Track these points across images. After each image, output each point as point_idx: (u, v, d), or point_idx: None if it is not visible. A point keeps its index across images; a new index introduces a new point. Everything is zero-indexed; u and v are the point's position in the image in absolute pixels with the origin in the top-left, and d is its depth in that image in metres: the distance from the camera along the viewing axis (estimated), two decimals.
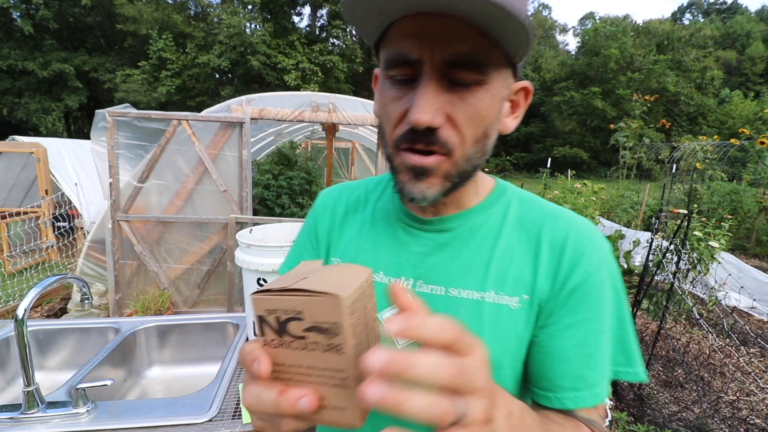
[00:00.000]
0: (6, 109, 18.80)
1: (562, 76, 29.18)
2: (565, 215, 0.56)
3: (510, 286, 0.52)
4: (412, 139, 0.46)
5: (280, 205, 4.79)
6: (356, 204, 0.66)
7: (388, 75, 0.47)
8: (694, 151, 8.23)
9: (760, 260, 5.99)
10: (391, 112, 0.48)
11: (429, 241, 0.56)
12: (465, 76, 0.44)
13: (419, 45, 0.43)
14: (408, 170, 0.48)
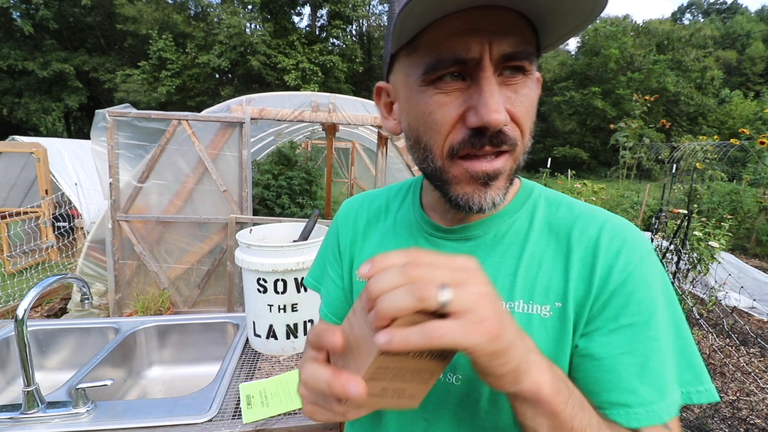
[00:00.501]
0: (6, 109, 18.80)
1: (562, 76, 29.17)
2: (597, 214, 0.52)
3: (540, 295, 0.48)
4: (479, 143, 0.43)
5: (280, 205, 4.79)
6: (377, 214, 0.65)
7: (429, 80, 0.43)
8: (694, 151, 8.23)
9: (760, 260, 5.99)
10: (440, 120, 0.43)
11: (451, 250, 0.54)
12: (518, 68, 0.43)
13: (474, 41, 0.40)
14: (472, 179, 0.45)
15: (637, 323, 0.45)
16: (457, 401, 0.51)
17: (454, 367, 0.51)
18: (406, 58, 0.46)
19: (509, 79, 0.43)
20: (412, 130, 0.48)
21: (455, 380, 0.51)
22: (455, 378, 0.51)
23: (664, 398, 0.43)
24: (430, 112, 0.44)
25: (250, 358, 1.35)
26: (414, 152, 0.50)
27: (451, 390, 0.51)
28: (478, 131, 0.42)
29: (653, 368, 0.44)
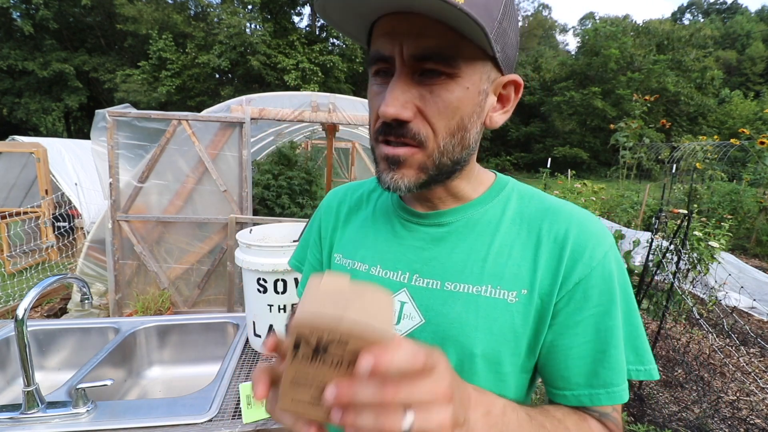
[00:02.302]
0: (6, 109, 18.80)
1: (562, 76, 29.17)
2: (567, 209, 0.55)
3: (508, 281, 0.51)
4: (385, 132, 0.49)
5: (280, 205, 4.79)
6: (359, 203, 0.68)
7: (372, 72, 0.50)
8: (694, 151, 8.23)
9: (760, 260, 5.99)
10: (373, 107, 0.51)
11: (425, 235, 0.57)
12: (433, 70, 0.46)
13: (390, 42, 0.46)
14: (383, 160, 0.51)
15: (599, 313, 0.50)
16: None
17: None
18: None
19: (425, 80, 0.46)
20: (370, 113, 0.54)
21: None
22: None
23: (623, 381, 0.50)
24: (369, 99, 0.52)
25: (250, 358, 1.35)
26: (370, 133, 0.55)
27: None
28: (386, 122, 0.48)
29: (613, 354, 0.49)
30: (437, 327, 0.53)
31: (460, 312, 0.52)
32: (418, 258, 0.56)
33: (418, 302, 0.54)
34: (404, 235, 0.59)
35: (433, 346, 0.47)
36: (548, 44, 38.52)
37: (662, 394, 2.53)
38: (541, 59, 32.10)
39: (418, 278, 0.55)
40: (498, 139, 30.34)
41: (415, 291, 0.55)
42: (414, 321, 0.54)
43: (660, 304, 3.20)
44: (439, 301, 0.53)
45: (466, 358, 0.51)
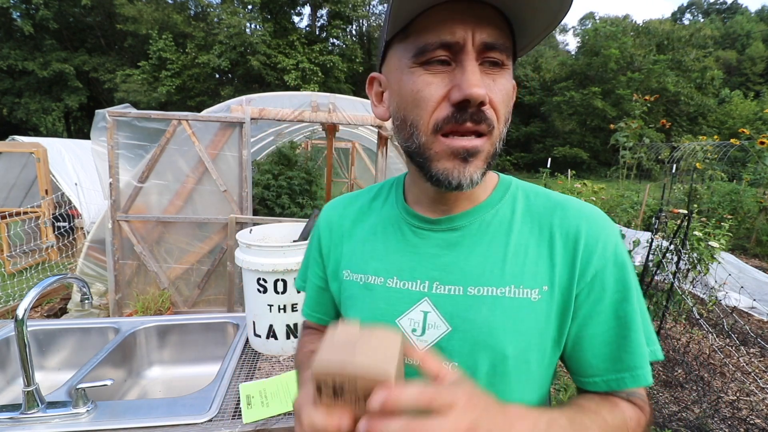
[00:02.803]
0: (6, 109, 18.79)
1: (562, 76, 29.17)
2: (574, 204, 0.56)
3: (528, 279, 0.52)
4: (461, 119, 0.46)
5: (280, 205, 4.79)
6: (360, 214, 0.66)
7: (419, 62, 0.47)
8: (694, 151, 8.23)
9: (760, 260, 5.99)
10: (427, 97, 0.47)
11: (440, 241, 0.56)
12: (497, 58, 0.47)
13: (459, 28, 0.45)
14: (453, 155, 0.48)
15: (618, 301, 0.51)
16: None
17: (447, 353, 0.52)
18: (398, 44, 0.50)
19: (488, 69, 0.47)
20: (400, 110, 0.51)
21: (453, 368, 0.52)
22: (451, 366, 0.52)
23: (646, 364, 0.51)
24: (418, 90, 0.47)
25: (250, 358, 1.35)
26: (400, 132, 0.52)
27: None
28: (461, 106, 0.46)
29: (634, 339, 0.51)
30: (466, 333, 0.52)
31: (487, 316, 0.51)
32: (435, 265, 0.55)
33: (441, 310, 0.53)
34: (417, 243, 0.57)
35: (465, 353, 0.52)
36: (548, 44, 38.48)
37: (662, 394, 2.53)
38: (541, 59, 32.09)
39: (438, 286, 0.54)
40: None
41: (438, 299, 0.54)
42: (440, 330, 0.53)
43: (660, 304, 3.20)
44: (464, 306, 0.52)
45: (499, 362, 0.52)
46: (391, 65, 0.52)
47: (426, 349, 0.53)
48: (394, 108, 0.52)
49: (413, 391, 0.34)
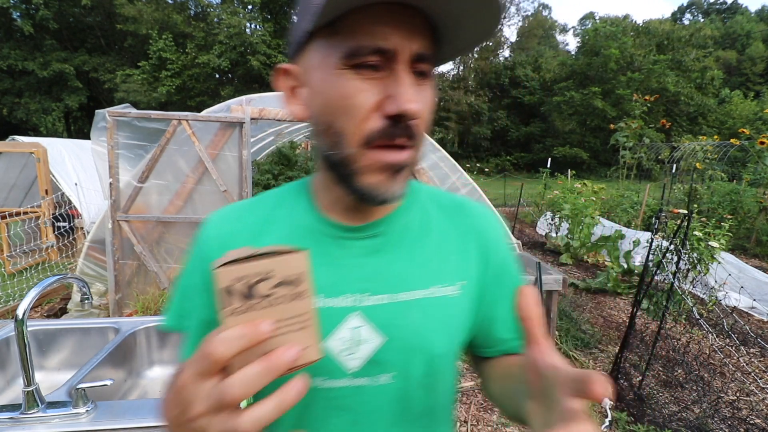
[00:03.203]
0: (6, 109, 18.80)
1: (562, 76, 29.19)
2: (472, 203, 0.62)
3: (450, 277, 0.54)
4: (394, 134, 0.44)
5: None
6: (260, 227, 0.55)
7: (349, 64, 0.43)
8: (694, 151, 8.23)
9: (760, 260, 5.99)
10: (358, 105, 0.43)
11: (362, 250, 0.53)
12: (425, 69, 0.46)
13: (395, 35, 0.42)
14: (382, 170, 0.45)
15: (515, 282, 0.59)
16: (392, 400, 0.52)
17: (383, 366, 0.51)
18: (324, 39, 0.44)
19: (417, 80, 0.45)
20: (324, 114, 0.46)
21: (388, 379, 0.51)
22: (388, 377, 0.51)
23: None
24: (347, 96, 0.43)
25: None
26: (322, 138, 0.47)
27: (380, 390, 0.51)
28: (395, 120, 0.43)
29: None
30: (401, 341, 0.51)
31: (420, 319, 0.51)
32: (362, 276, 0.52)
33: (375, 322, 0.50)
34: (339, 254, 0.52)
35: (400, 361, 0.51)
36: (548, 44, 38.51)
37: (662, 394, 2.54)
38: (541, 59, 32.10)
39: (368, 297, 0.51)
40: (498, 139, 30.36)
41: (369, 311, 0.51)
42: (374, 343, 0.50)
43: (660, 304, 3.20)
44: (397, 314, 0.51)
45: (432, 363, 0.53)
46: (313, 61, 0.46)
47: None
48: (317, 111, 0.47)
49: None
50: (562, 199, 6.22)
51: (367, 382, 0.50)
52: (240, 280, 0.31)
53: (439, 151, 3.16)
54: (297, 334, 0.34)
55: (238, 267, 0.31)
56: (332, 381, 0.50)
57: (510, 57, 35.30)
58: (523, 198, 9.67)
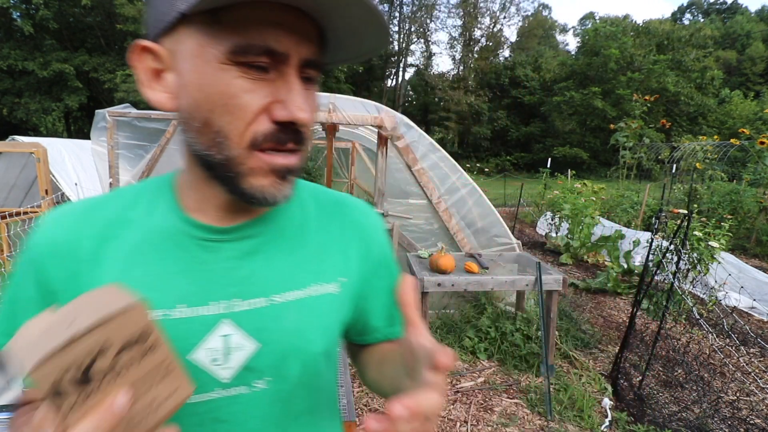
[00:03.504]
0: (6, 109, 18.81)
1: (562, 76, 29.20)
2: (352, 199, 0.62)
3: (329, 275, 0.54)
4: (283, 140, 0.43)
5: None
6: (110, 229, 0.49)
7: (235, 61, 0.40)
8: (694, 151, 8.24)
9: (760, 260, 5.99)
10: (245, 106, 0.41)
11: (235, 252, 0.49)
12: (313, 76, 0.45)
13: (286, 38, 0.40)
14: (270, 173, 0.44)
15: (390, 275, 0.61)
16: (270, 404, 0.50)
17: (258, 372, 0.49)
18: (202, 26, 0.40)
19: (304, 85, 0.44)
20: (201, 110, 0.42)
21: (263, 385, 0.49)
22: (263, 382, 0.49)
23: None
24: (232, 95, 0.41)
25: None
26: (198, 136, 0.43)
27: (258, 396, 0.49)
28: (285, 126, 0.42)
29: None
30: (276, 345, 0.49)
31: (296, 320, 0.50)
32: (233, 280, 0.48)
33: (246, 328, 0.48)
34: (207, 258, 0.48)
35: (275, 366, 0.49)
36: (548, 44, 38.52)
37: (662, 394, 2.54)
38: (541, 59, 32.11)
39: (239, 303, 0.48)
40: (498, 139, 30.38)
41: (240, 317, 0.48)
42: (247, 350, 0.48)
43: (660, 304, 3.20)
44: (271, 317, 0.49)
45: (310, 362, 0.52)
46: (186, 46, 0.41)
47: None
48: (191, 104, 0.42)
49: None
50: (562, 199, 6.22)
51: (242, 391, 0.48)
52: (68, 371, 0.26)
53: (439, 151, 3.16)
54: (162, 384, 0.32)
55: (58, 359, 0.25)
56: (204, 394, 0.47)
57: (510, 57, 35.32)
58: (523, 198, 9.67)
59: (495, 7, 35.56)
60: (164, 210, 0.50)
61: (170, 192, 0.51)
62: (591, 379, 2.69)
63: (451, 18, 41.62)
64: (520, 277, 2.61)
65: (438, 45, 54.37)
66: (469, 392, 2.55)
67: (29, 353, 0.25)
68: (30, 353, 0.25)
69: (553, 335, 2.65)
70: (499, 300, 3.31)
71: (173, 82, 0.43)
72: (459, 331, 3.04)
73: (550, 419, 2.30)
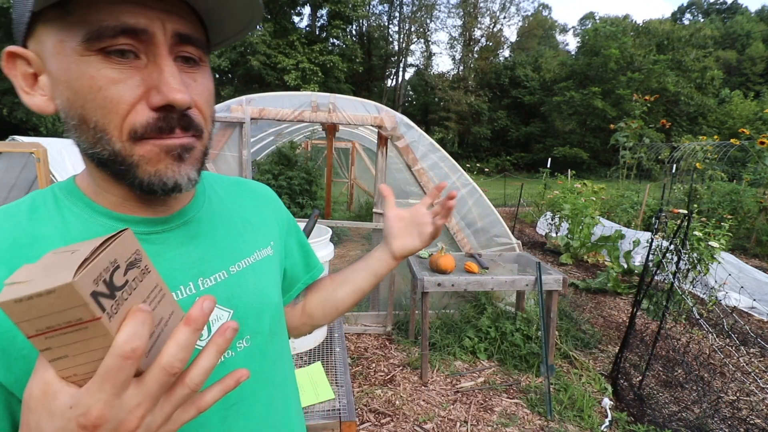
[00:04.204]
0: (6, 109, 18.80)
1: (562, 76, 29.18)
2: (244, 179, 0.70)
3: (262, 240, 0.62)
4: (167, 127, 0.41)
5: None
6: (19, 250, 0.43)
7: (94, 48, 0.38)
8: (694, 151, 8.23)
9: (760, 260, 5.99)
10: (116, 98, 0.39)
11: (181, 238, 0.50)
12: (193, 54, 0.43)
13: (146, 14, 0.38)
14: (164, 156, 0.42)
15: (297, 231, 0.74)
16: (251, 360, 0.55)
17: (239, 334, 0.53)
18: (56, 21, 0.38)
19: (185, 67, 0.42)
20: (74, 108, 0.40)
21: (245, 343, 0.54)
22: (245, 341, 0.54)
23: (318, 260, 0.79)
24: (99, 88, 0.38)
25: None
26: (80, 134, 0.41)
27: (244, 354, 0.54)
28: (165, 112, 0.40)
29: (309, 249, 0.77)
30: (246, 307, 0.54)
31: (255, 281, 0.57)
32: (190, 263, 0.50)
33: (219, 300, 0.51)
34: (156, 250, 0.48)
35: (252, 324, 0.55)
36: (548, 44, 38.51)
37: (662, 394, 2.54)
38: (541, 59, 32.10)
39: (204, 280, 0.50)
40: (498, 139, 30.37)
41: (209, 292, 0.50)
42: (224, 318, 0.52)
43: (660, 304, 3.20)
44: (235, 285, 0.54)
45: (275, 313, 0.60)
46: (48, 45, 0.40)
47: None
48: (64, 102, 0.40)
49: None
50: (562, 199, 6.22)
51: (230, 356, 0.52)
52: (98, 281, 0.27)
53: (439, 151, 3.16)
54: (163, 304, 0.33)
55: (90, 269, 0.26)
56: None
57: (510, 57, 35.31)
58: (523, 198, 9.67)
59: (495, 7, 35.56)
60: (85, 217, 0.46)
61: (80, 198, 0.47)
62: (591, 379, 2.69)
63: (451, 18, 41.62)
64: (520, 277, 2.61)
65: (438, 45, 54.37)
66: (469, 392, 2.55)
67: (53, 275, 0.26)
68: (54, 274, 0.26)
69: (553, 335, 2.65)
70: (499, 300, 3.31)
71: (47, 83, 0.42)
72: (459, 331, 3.04)
73: (550, 419, 2.30)
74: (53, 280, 0.25)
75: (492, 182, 16.09)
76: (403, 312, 3.31)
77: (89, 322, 0.26)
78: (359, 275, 0.73)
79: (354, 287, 0.73)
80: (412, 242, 0.70)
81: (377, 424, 2.23)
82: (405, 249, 0.70)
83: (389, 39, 33.31)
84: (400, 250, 0.70)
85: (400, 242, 0.70)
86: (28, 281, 0.26)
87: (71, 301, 0.25)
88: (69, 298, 0.25)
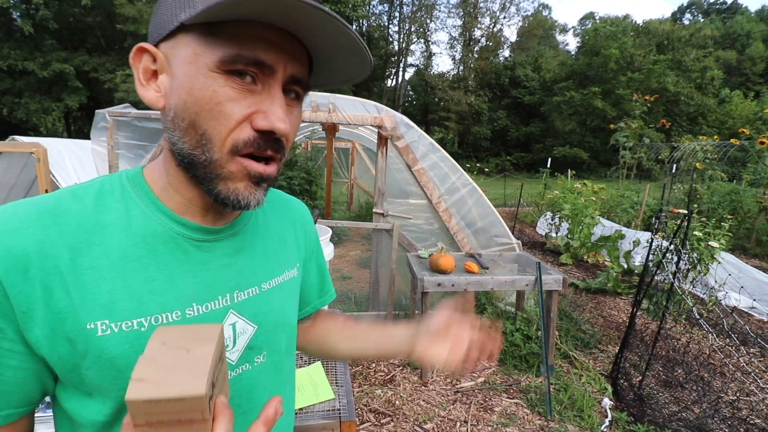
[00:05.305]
0: (6, 109, 18.80)
1: (562, 76, 29.19)
2: (291, 198, 0.73)
3: (291, 261, 0.65)
4: (262, 146, 0.46)
5: None
6: (81, 236, 0.45)
7: (224, 69, 0.43)
8: (694, 151, 8.23)
9: (760, 260, 5.99)
10: (229, 113, 0.44)
11: (227, 250, 0.54)
12: (298, 91, 0.50)
13: (275, 53, 0.44)
14: (247, 177, 0.47)
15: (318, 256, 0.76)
16: (268, 374, 0.59)
17: (258, 349, 0.57)
18: (200, 35, 0.43)
19: (287, 99, 0.48)
20: (188, 112, 0.44)
21: (262, 359, 0.57)
22: (262, 356, 0.57)
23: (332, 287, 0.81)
24: (218, 102, 0.43)
25: None
26: (184, 136, 0.45)
27: (259, 369, 0.57)
28: (265, 135, 0.46)
29: (326, 275, 0.78)
30: (269, 324, 0.58)
31: (280, 301, 0.60)
32: (231, 274, 0.54)
33: (246, 315, 0.55)
34: (205, 258, 0.52)
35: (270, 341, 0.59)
36: (548, 44, 38.52)
37: (662, 394, 2.54)
38: (541, 59, 32.11)
39: (239, 294, 0.54)
40: (498, 139, 30.37)
41: (241, 306, 0.55)
42: (248, 332, 0.55)
43: (660, 304, 3.20)
44: (263, 302, 0.57)
45: (291, 333, 0.64)
46: (181, 52, 0.44)
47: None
48: (179, 105, 0.45)
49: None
50: (562, 199, 6.22)
51: (246, 368, 0.55)
52: (209, 386, 0.31)
53: (439, 151, 3.16)
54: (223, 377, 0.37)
55: (209, 377, 0.31)
56: None
57: (510, 57, 35.32)
58: (523, 198, 9.67)
59: (495, 7, 35.58)
60: (148, 213, 0.49)
61: (147, 194, 0.50)
62: (591, 379, 2.69)
63: (451, 18, 41.65)
64: (520, 277, 2.61)
65: (438, 45, 54.37)
66: (469, 392, 2.55)
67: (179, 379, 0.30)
68: (180, 378, 0.30)
69: (553, 335, 2.65)
70: (499, 300, 3.31)
71: (166, 83, 0.46)
72: None
73: (550, 419, 2.30)
74: (182, 388, 0.29)
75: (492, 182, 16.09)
76: (403, 312, 3.31)
77: (198, 423, 0.30)
78: (370, 341, 0.74)
79: (358, 349, 0.75)
80: (439, 354, 0.63)
81: (377, 424, 2.23)
82: (426, 355, 0.65)
83: (389, 39, 33.33)
84: (421, 352, 0.66)
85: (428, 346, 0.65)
86: (155, 381, 0.30)
87: (194, 407, 0.29)
88: (193, 404, 0.29)
